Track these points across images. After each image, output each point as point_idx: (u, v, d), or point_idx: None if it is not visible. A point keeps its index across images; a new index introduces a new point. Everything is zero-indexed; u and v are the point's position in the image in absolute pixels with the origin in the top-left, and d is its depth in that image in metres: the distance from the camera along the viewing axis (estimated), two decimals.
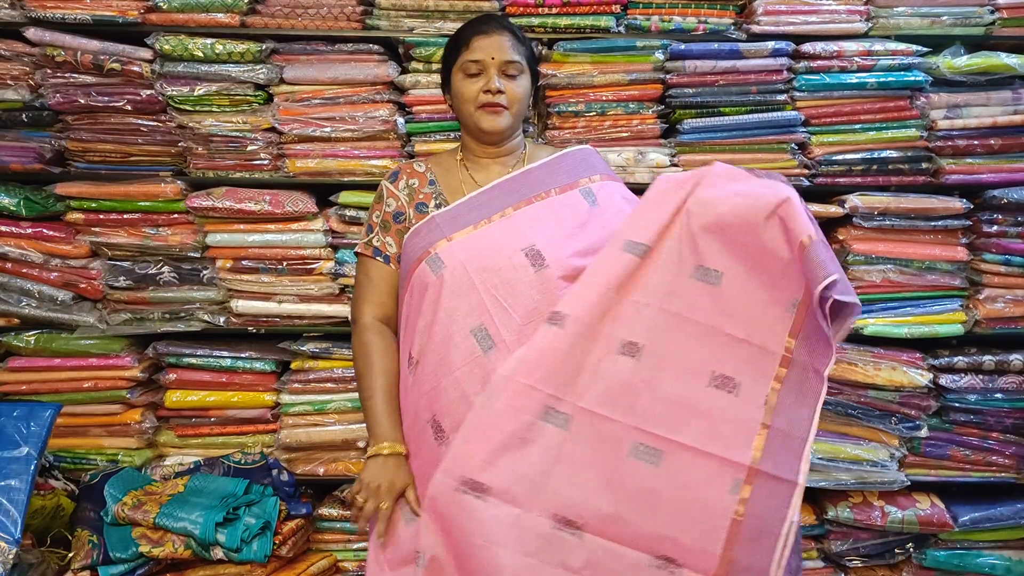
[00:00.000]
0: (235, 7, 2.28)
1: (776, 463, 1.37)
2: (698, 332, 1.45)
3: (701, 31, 2.34)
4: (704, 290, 1.45)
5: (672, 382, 1.44)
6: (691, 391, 1.43)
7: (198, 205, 2.30)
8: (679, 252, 1.47)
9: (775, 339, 1.41)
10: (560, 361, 1.44)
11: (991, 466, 2.40)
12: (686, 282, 1.46)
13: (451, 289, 1.53)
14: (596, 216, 1.62)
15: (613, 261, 1.48)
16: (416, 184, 1.69)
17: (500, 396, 1.44)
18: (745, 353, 1.42)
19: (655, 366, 1.45)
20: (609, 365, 1.45)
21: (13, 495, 1.91)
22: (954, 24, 2.35)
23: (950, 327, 2.37)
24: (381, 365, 1.63)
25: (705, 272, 1.45)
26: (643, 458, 1.42)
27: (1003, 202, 2.31)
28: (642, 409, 1.43)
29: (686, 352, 1.45)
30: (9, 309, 2.41)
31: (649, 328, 1.46)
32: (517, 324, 1.51)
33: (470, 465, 1.42)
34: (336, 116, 2.35)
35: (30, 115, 2.35)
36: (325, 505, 2.42)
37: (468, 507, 1.40)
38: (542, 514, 1.42)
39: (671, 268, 1.47)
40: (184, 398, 2.42)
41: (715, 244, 1.45)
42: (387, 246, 1.67)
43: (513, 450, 1.42)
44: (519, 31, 1.69)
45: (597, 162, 1.74)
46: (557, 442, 1.43)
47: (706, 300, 1.45)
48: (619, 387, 1.44)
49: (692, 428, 1.41)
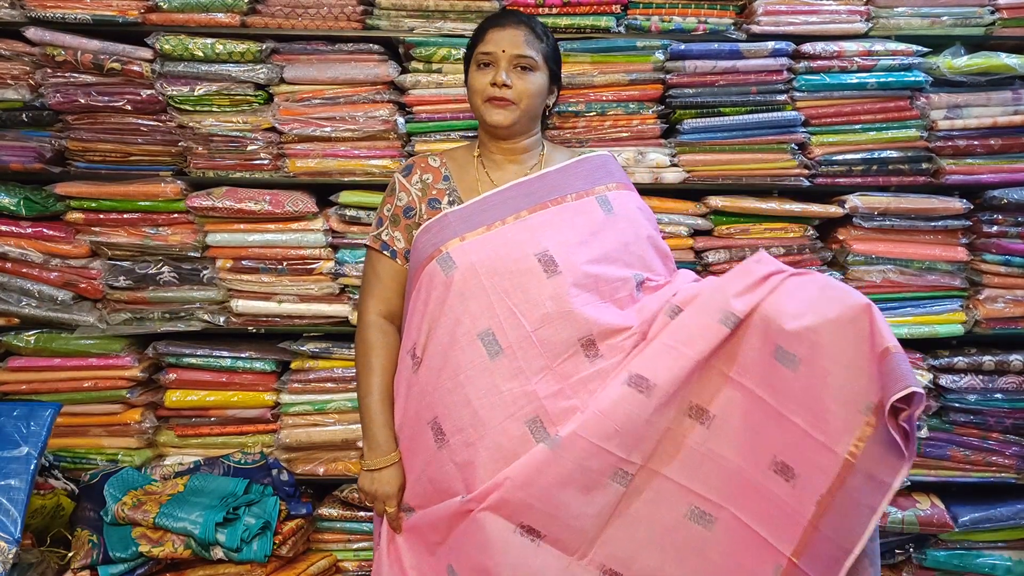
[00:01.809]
0: (235, 7, 2.28)
1: (814, 566, 1.37)
2: (769, 414, 1.44)
3: (701, 31, 2.34)
4: (781, 372, 1.42)
5: (736, 456, 1.46)
6: (752, 469, 1.44)
7: (198, 205, 2.30)
8: (764, 329, 1.45)
9: (841, 441, 1.35)
10: (640, 428, 1.44)
11: (991, 466, 2.40)
12: (767, 360, 1.44)
13: (460, 290, 1.52)
14: (610, 225, 1.60)
15: (710, 334, 1.45)
16: (430, 179, 1.66)
17: (570, 453, 1.44)
18: (809, 447, 1.38)
19: (723, 437, 1.46)
20: (678, 428, 1.47)
21: (13, 495, 1.91)
22: (954, 24, 2.35)
23: (950, 327, 2.37)
24: (381, 363, 1.64)
25: (784, 354, 1.41)
26: (697, 521, 1.46)
27: (1003, 202, 2.31)
28: (703, 475, 1.46)
29: (754, 430, 1.45)
30: (9, 309, 2.41)
31: (725, 400, 1.47)
32: (526, 331, 1.50)
33: (533, 510, 1.44)
34: (336, 116, 2.35)
35: (30, 115, 2.35)
36: (325, 505, 2.42)
37: (520, 549, 1.44)
38: (591, 564, 1.47)
39: (755, 344, 1.46)
40: (184, 398, 2.42)
41: (797, 331, 1.40)
42: (395, 241, 1.65)
43: (573, 501, 1.45)
44: (540, 27, 1.65)
45: (615, 169, 1.72)
46: (616, 497, 1.46)
47: (781, 383, 1.42)
48: (685, 451, 1.47)
49: (747, 504, 1.43)
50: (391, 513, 1.60)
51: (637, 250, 1.61)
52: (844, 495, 1.35)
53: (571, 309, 1.49)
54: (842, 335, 1.36)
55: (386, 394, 1.63)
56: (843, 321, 1.36)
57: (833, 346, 1.36)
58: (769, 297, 1.46)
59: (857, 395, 1.35)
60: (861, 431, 1.34)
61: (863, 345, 1.35)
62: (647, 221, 1.69)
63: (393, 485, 1.60)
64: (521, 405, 1.48)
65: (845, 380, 1.35)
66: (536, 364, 1.49)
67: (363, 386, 1.64)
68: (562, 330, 1.50)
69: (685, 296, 1.53)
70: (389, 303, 1.67)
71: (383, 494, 1.60)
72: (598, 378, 1.50)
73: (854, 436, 1.34)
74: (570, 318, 1.50)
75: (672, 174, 2.35)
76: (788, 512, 1.39)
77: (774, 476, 1.41)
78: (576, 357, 1.50)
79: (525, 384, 1.48)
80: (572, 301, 1.50)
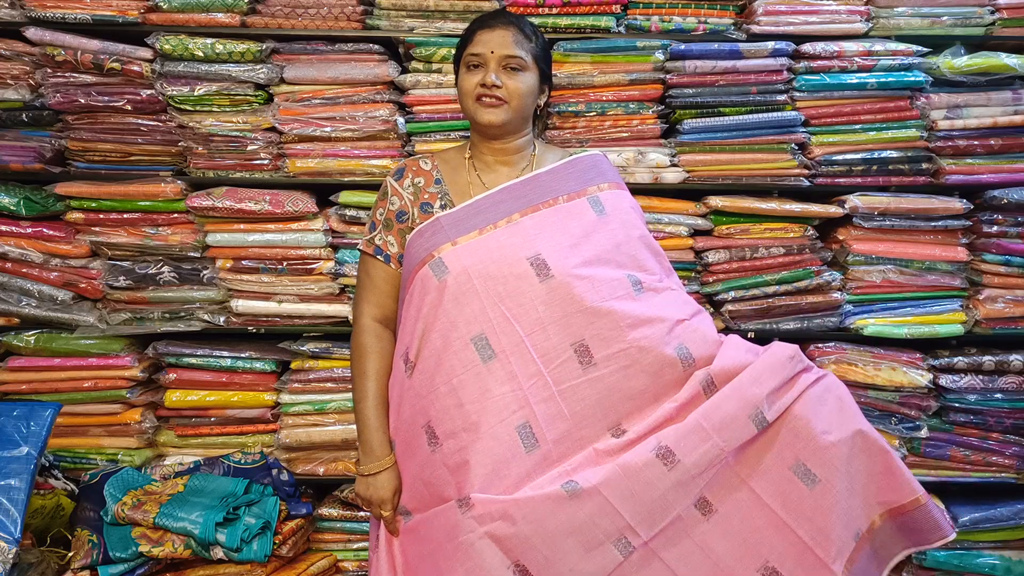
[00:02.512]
0: (235, 7, 2.28)
1: None
2: (772, 522, 1.49)
3: (701, 31, 2.34)
4: (797, 487, 1.48)
5: (729, 553, 1.49)
6: (740, 570, 1.48)
7: (198, 205, 2.30)
8: (792, 442, 1.49)
9: (837, 561, 1.46)
10: (654, 502, 1.46)
11: (991, 466, 2.40)
12: (784, 472, 1.49)
13: (453, 295, 1.52)
14: (603, 226, 1.60)
15: (740, 429, 1.47)
16: (422, 183, 1.66)
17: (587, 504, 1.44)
18: (808, 561, 1.47)
19: (719, 533, 1.49)
20: (686, 516, 1.49)
21: (13, 494, 1.91)
22: (954, 24, 2.35)
23: (950, 327, 2.37)
24: (375, 368, 1.65)
25: (806, 472, 1.48)
26: None
27: (1003, 202, 2.31)
28: (695, 563, 1.49)
29: (752, 534, 1.49)
30: (9, 309, 2.41)
31: (734, 500, 1.50)
32: (519, 335, 1.50)
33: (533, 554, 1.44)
34: (336, 116, 2.35)
35: (30, 115, 2.35)
36: (325, 505, 2.42)
37: None
38: None
39: (775, 452, 1.50)
40: (184, 398, 2.42)
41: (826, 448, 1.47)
42: (389, 245, 1.66)
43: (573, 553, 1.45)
44: (529, 27, 1.65)
45: (607, 169, 1.71)
46: (614, 565, 1.46)
47: (795, 497, 1.48)
48: (685, 541, 1.49)
49: None
50: (387, 517, 1.61)
51: (629, 250, 1.61)
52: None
53: (564, 313, 1.50)
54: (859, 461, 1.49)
55: (381, 399, 1.64)
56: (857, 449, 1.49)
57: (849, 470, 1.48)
58: (795, 406, 1.50)
59: (854, 522, 1.49)
60: (849, 556, 1.48)
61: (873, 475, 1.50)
62: (639, 220, 1.69)
63: (388, 489, 1.60)
64: (513, 410, 1.48)
65: (849, 505, 1.48)
66: (529, 369, 1.49)
67: (358, 391, 1.66)
68: (554, 335, 1.50)
69: (721, 370, 1.53)
70: (384, 308, 1.67)
71: (379, 498, 1.60)
72: (589, 386, 1.51)
73: (844, 560, 1.47)
74: (563, 323, 1.50)
75: (672, 174, 2.35)
76: None
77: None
78: (569, 363, 1.51)
79: (517, 389, 1.49)
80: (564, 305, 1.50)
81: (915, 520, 1.51)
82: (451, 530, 1.48)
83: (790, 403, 1.50)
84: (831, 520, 1.46)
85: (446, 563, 1.48)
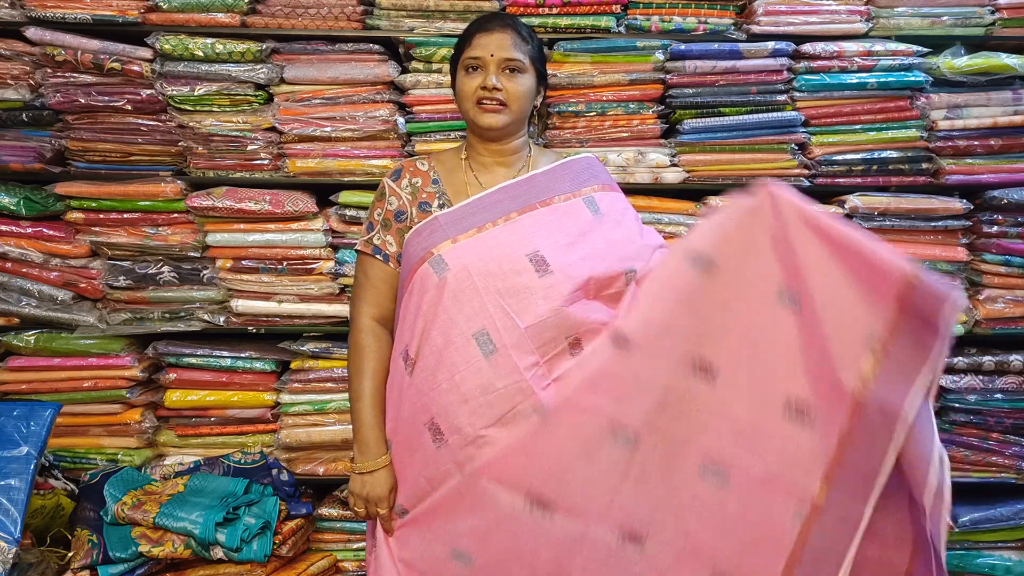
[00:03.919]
0: (235, 7, 2.28)
1: (839, 505, 1.36)
2: (777, 360, 1.42)
3: (701, 31, 2.34)
4: (784, 315, 1.41)
5: (746, 408, 1.44)
6: (764, 418, 1.43)
7: (198, 205, 2.30)
8: (764, 270, 1.43)
9: (851, 371, 1.32)
10: (629, 384, 1.46)
11: (991, 466, 2.40)
12: (768, 306, 1.43)
13: (453, 292, 1.53)
14: (598, 225, 1.62)
15: (681, 276, 1.45)
16: (419, 183, 1.68)
17: (564, 417, 1.47)
18: (823, 387, 1.37)
19: (730, 391, 1.46)
20: (682, 386, 1.47)
21: (13, 494, 1.91)
22: (954, 24, 2.35)
23: None
24: (372, 367, 1.65)
25: (790, 298, 1.40)
26: (711, 479, 1.46)
27: (1003, 202, 2.31)
28: (715, 431, 1.46)
29: (762, 379, 1.44)
30: (9, 309, 2.41)
31: (728, 352, 1.46)
32: (520, 330, 1.51)
33: (539, 480, 1.46)
34: (336, 116, 2.35)
35: (30, 114, 2.35)
36: (325, 505, 2.42)
37: (536, 523, 1.46)
38: (609, 526, 1.48)
39: (754, 291, 1.44)
40: (184, 398, 2.42)
41: (796, 268, 1.38)
42: (387, 245, 1.67)
43: (576, 464, 1.46)
44: (525, 29, 1.67)
45: (599, 171, 1.74)
46: (625, 459, 1.46)
47: (786, 326, 1.41)
48: (692, 409, 1.47)
49: (762, 453, 1.43)
50: (384, 515, 1.62)
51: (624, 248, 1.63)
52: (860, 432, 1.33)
53: (562, 307, 1.52)
54: (836, 266, 1.35)
55: (378, 398, 1.65)
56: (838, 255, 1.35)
57: (830, 279, 1.35)
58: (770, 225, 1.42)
59: (857, 323, 1.32)
60: (867, 360, 1.31)
61: (860, 271, 1.33)
62: (634, 220, 1.71)
63: (384, 487, 1.61)
64: (519, 400, 1.50)
65: (843, 309, 1.34)
66: (529, 360, 1.51)
67: (354, 389, 1.66)
68: (552, 328, 1.52)
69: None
70: (382, 307, 1.68)
71: (375, 496, 1.61)
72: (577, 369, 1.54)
73: (862, 366, 1.31)
74: (560, 316, 1.52)
75: (672, 174, 2.35)
76: (808, 454, 1.38)
77: (788, 423, 1.40)
78: (563, 355, 1.53)
79: (520, 380, 1.50)
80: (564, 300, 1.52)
81: (915, 303, 1.29)
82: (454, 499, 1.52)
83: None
84: (827, 334, 1.34)
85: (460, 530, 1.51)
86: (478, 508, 1.50)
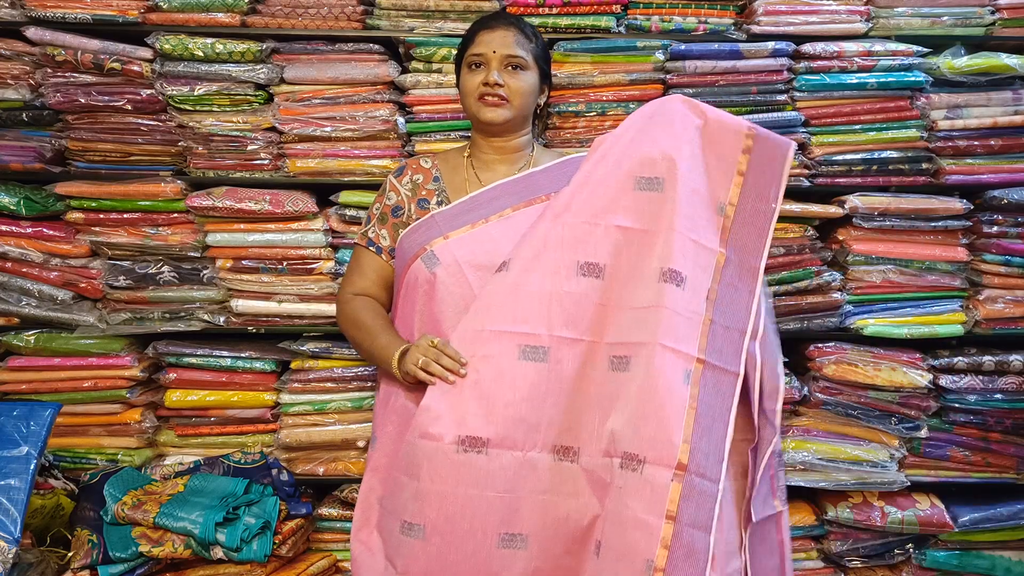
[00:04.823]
0: (235, 7, 2.28)
1: (720, 355, 1.46)
2: (649, 238, 1.52)
3: (701, 31, 2.34)
4: (649, 198, 1.53)
5: (633, 290, 1.50)
6: (647, 292, 1.49)
7: (198, 205, 2.30)
8: (615, 168, 1.56)
9: (710, 237, 1.54)
10: (523, 300, 1.49)
11: (991, 466, 2.40)
12: (631, 194, 1.54)
13: (445, 285, 1.56)
14: None
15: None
16: (420, 180, 1.70)
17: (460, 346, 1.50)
18: (690, 249, 1.50)
19: (617, 281, 1.52)
20: (574, 289, 1.51)
21: (13, 494, 1.91)
22: (954, 24, 2.35)
23: (950, 327, 2.37)
24: (371, 316, 1.67)
25: (648, 182, 1.53)
26: (618, 369, 1.48)
27: (1003, 202, 2.31)
28: (614, 323, 1.50)
29: (641, 259, 1.51)
30: (9, 308, 2.40)
31: (607, 246, 1.53)
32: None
33: (466, 424, 1.46)
34: (336, 116, 2.35)
35: (30, 114, 2.35)
36: (325, 505, 2.42)
37: (472, 464, 1.45)
38: (543, 449, 1.49)
39: (612, 185, 1.55)
40: (184, 398, 2.42)
41: (652, 157, 1.54)
42: (381, 238, 1.70)
43: (502, 396, 1.47)
44: (528, 28, 1.69)
45: None
46: (543, 376, 1.48)
47: (653, 207, 1.52)
48: (589, 308, 1.51)
49: (650, 325, 1.46)
50: (452, 350, 1.51)
51: None
52: (724, 285, 1.52)
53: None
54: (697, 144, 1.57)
55: (386, 326, 1.65)
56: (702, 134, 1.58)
57: (689, 156, 1.55)
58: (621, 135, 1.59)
59: (713, 194, 1.56)
60: (721, 228, 1.55)
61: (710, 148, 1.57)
62: None
63: (426, 338, 1.55)
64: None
65: (699, 183, 1.55)
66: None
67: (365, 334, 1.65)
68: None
69: None
70: (367, 290, 1.72)
71: (428, 344, 1.53)
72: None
73: (717, 232, 1.55)
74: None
75: None
76: (686, 315, 1.47)
77: (666, 285, 1.47)
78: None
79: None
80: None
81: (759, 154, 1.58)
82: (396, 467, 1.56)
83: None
84: (692, 204, 1.53)
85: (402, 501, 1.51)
86: (412, 468, 1.48)
